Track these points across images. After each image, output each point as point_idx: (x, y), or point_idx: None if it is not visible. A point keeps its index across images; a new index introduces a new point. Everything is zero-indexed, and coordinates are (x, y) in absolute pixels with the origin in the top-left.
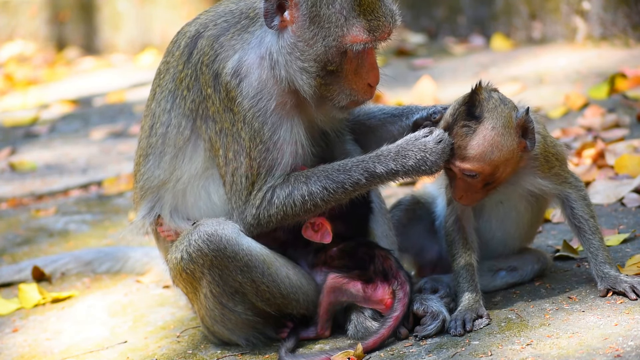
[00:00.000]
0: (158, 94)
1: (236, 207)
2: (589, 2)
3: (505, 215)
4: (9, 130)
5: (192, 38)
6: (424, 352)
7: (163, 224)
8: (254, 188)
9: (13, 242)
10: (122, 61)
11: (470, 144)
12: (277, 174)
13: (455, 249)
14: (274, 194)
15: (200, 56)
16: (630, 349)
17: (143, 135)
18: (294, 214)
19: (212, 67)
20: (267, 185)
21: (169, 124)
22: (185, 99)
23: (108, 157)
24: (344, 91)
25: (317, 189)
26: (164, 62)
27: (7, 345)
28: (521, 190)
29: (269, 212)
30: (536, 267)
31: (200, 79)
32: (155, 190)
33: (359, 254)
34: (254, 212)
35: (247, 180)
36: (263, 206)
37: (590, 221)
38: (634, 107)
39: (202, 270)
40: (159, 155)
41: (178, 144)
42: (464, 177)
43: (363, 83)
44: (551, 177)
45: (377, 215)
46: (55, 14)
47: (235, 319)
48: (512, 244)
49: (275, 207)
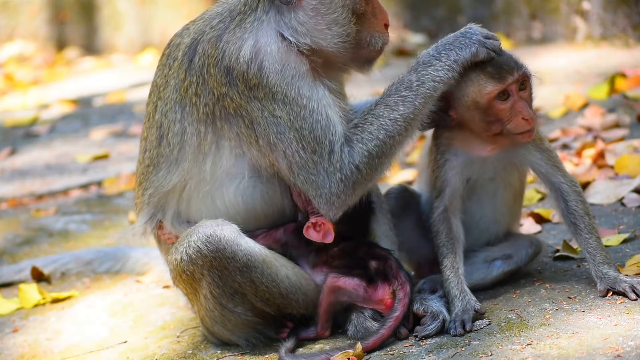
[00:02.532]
0: (161, 106)
1: (314, 188)
2: (589, 2)
3: (495, 191)
4: (9, 130)
5: (189, 47)
6: (424, 352)
7: (164, 228)
8: (322, 156)
9: (13, 242)
10: (122, 61)
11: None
12: (337, 129)
13: (440, 239)
14: (352, 144)
15: (204, 60)
16: (630, 349)
17: (150, 146)
18: (383, 153)
19: (222, 65)
20: (335, 143)
21: (184, 132)
22: (196, 105)
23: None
24: (373, 35)
25: (394, 113)
26: (160, 76)
27: (7, 345)
28: (515, 163)
29: (357, 167)
30: (530, 251)
31: (209, 82)
32: (163, 196)
33: (360, 253)
34: (339, 176)
35: (306, 153)
36: (346, 163)
37: (585, 218)
38: (634, 107)
39: (201, 272)
40: (175, 163)
41: (203, 149)
42: (520, 95)
43: (381, 25)
44: (543, 151)
45: (378, 215)
46: (55, 14)
47: (235, 319)
48: (502, 221)
49: (360, 156)
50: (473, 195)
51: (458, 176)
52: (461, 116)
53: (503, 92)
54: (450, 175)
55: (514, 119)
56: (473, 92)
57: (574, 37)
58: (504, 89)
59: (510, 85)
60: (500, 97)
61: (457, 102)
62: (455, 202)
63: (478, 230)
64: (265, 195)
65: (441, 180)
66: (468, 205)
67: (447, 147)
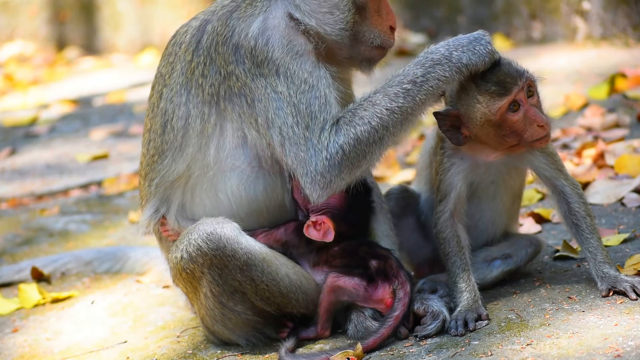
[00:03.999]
0: (166, 93)
1: (301, 166)
2: (589, 2)
3: (495, 194)
4: (9, 130)
5: (197, 28)
6: (424, 352)
7: (166, 224)
8: (313, 132)
9: (13, 242)
10: (122, 61)
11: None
12: (332, 109)
13: (450, 247)
14: (340, 125)
15: (213, 38)
16: (630, 349)
17: (154, 136)
18: (373, 141)
19: (231, 42)
20: (327, 122)
21: (188, 115)
22: (202, 86)
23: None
24: (373, 31)
25: (393, 104)
26: (165, 65)
27: (7, 345)
28: (519, 167)
29: (341, 147)
30: (530, 250)
31: (216, 60)
32: (169, 185)
33: (360, 253)
34: (325, 154)
35: (299, 128)
36: (331, 142)
37: (587, 219)
38: (634, 107)
39: (201, 270)
40: (179, 149)
41: (206, 132)
42: (529, 103)
43: (385, 25)
44: (548, 155)
45: (379, 215)
46: (55, 14)
47: (235, 318)
48: (500, 222)
49: (346, 137)
50: (473, 198)
51: (463, 180)
52: (475, 134)
53: (513, 103)
54: (457, 180)
55: (529, 128)
56: (483, 111)
57: (574, 37)
58: (512, 100)
59: (518, 95)
60: (512, 109)
61: (469, 122)
62: (460, 206)
63: (477, 231)
64: (268, 188)
65: (446, 184)
66: (467, 206)
67: (454, 151)
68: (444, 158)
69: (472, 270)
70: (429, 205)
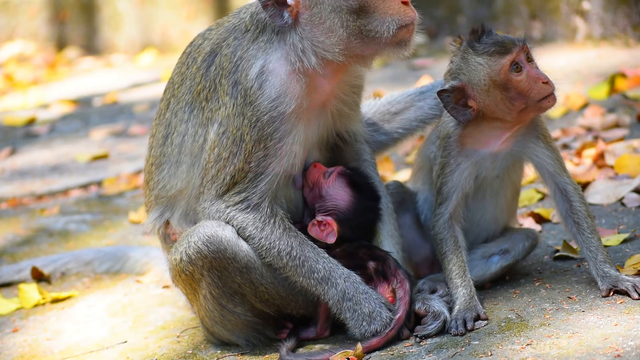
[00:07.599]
0: (173, 104)
1: (207, 195)
2: (589, 2)
3: (499, 190)
4: (9, 130)
5: (209, 54)
6: (424, 352)
7: (170, 227)
8: (234, 189)
9: (13, 242)
10: (122, 61)
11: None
12: (260, 186)
13: (447, 246)
14: (249, 206)
15: (219, 70)
16: (630, 349)
17: (155, 144)
18: (252, 236)
19: (233, 77)
20: (249, 194)
21: (186, 133)
22: (203, 109)
23: (108, 157)
24: (386, 20)
25: (285, 248)
26: (177, 74)
27: (7, 345)
28: (523, 159)
29: (235, 218)
30: (527, 244)
31: (219, 90)
32: (171, 198)
33: (359, 254)
34: (222, 207)
35: (231, 180)
36: (233, 209)
37: (588, 220)
38: (634, 107)
39: (201, 272)
40: (175, 165)
41: (194, 152)
42: (530, 66)
43: (394, 5)
44: (552, 150)
45: (384, 214)
46: (55, 14)
47: (235, 319)
48: (502, 218)
49: (239, 218)
50: (477, 194)
51: (470, 177)
52: (482, 103)
53: (515, 63)
54: (463, 179)
55: (535, 86)
56: (487, 72)
57: (574, 37)
58: (514, 59)
59: (518, 55)
60: (514, 69)
61: (474, 90)
62: (460, 209)
63: (478, 229)
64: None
65: (449, 186)
66: (471, 204)
67: (459, 148)
68: (450, 159)
69: (469, 269)
70: (428, 206)
